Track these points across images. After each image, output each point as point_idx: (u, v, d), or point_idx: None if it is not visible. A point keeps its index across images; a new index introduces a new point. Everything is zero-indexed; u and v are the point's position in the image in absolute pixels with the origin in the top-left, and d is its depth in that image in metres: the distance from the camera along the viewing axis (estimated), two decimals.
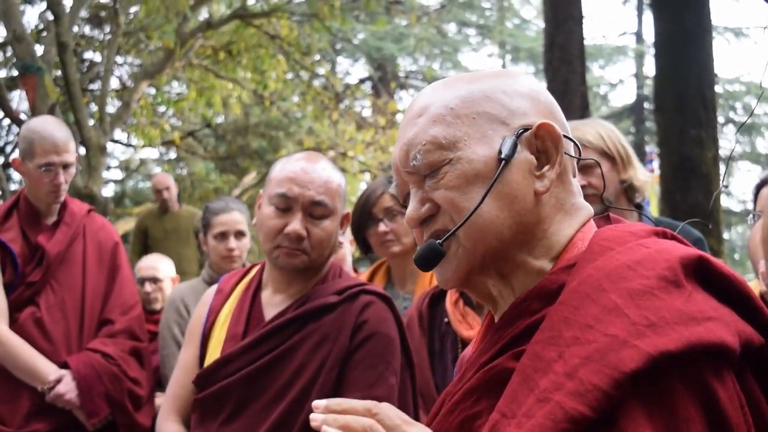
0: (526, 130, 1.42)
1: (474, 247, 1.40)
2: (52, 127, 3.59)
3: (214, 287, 2.89)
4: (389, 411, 1.33)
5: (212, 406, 2.62)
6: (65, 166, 3.59)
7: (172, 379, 2.81)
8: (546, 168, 1.42)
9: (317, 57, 15.63)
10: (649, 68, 22.11)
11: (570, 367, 1.17)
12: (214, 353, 2.70)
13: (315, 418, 1.32)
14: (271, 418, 2.52)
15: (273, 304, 2.72)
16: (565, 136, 1.45)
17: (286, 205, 2.60)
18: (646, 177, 3.42)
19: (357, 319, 2.63)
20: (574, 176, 1.50)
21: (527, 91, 1.47)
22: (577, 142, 1.50)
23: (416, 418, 2.71)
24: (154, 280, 5.17)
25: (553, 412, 1.14)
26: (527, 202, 1.40)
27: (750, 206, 3.26)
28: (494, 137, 1.41)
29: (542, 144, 1.42)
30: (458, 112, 1.43)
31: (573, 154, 1.49)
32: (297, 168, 2.64)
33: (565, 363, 1.18)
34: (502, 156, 1.38)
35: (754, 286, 2.66)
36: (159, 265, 5.35)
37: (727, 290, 1.26)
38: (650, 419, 1.12)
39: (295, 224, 2.59)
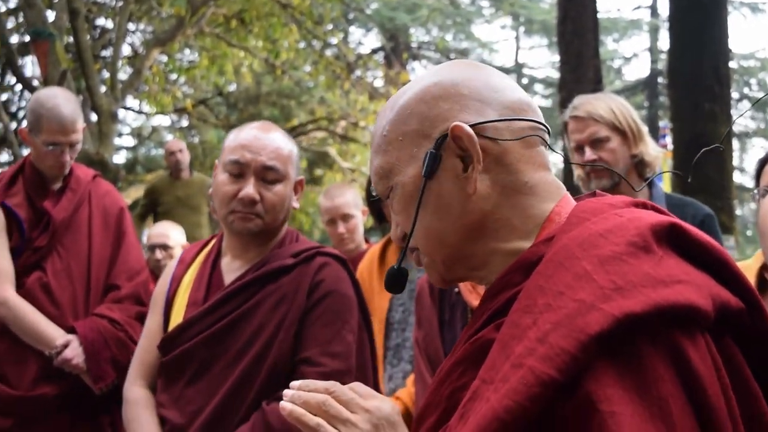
0: (445, 137, 1.41)
1: (432, 257, 1.48)
2: (61, 103, 3.55)
3: (177, 258, 2.99)
4: (345, 388, 1.48)
5: (176, 368, 2.71)
6: (71, 145, 3.60)
7: (138, 347, 2.92)
8: (470, 168, 1.40)
9: (330, 27, 15.57)
10: (664, 42, 21.99)
11: (541, 332, 1.19)
12: (177, 319, 2.79)
13: (286, 394, 1.50)
14: (232, 377, 2.62)
15: (232, 269, 2.81)
16: (500, 120, 1.43)
17: (239, 171, 2.69)
18: (657, 152, 3.41)
19: (313, 279, 2.74)
20: (535, 145, 1.46)
21: (446, 91, 1.44)
22: (529, 118, 1.46)
23: (375, 376, 2.85)
24: (165, 248, 5.19)
25: (525, 377, 1.16)
26: (464, 205, 1.41)
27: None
28: (419, 154, 1.43)
29: (463, 144, 1.40)
30: (389, 137, 1.47)
31: (515, 132, 1.44)
32: (250, 136, 2.74)
33: (538, 329, 1.20)
34: (423, 174, 1.41)
35: (754, 261, 2.63)
36: (170, 232, 5.38)
37: (702, 256, 1.27)
38: (618, 380, 1.13)
39: (248, 189, 2.67)
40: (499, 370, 1.22)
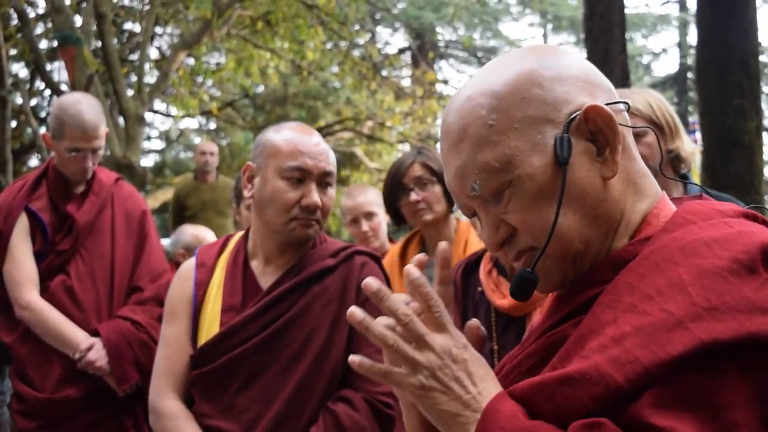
0: (573, 119, 1.31)
1: (563, 257, 1.33)
2: (84, 109, 3.58)
3: (191, 262, 2.88)
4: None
5: (220, 378, 2.64)
6: (94, 151, 3.63)
7: (161, 357, 2.79)
8: (607, 151, 1.32)
9: (356, 27, 15.57)
10: (693, 37, 21.79)
11: (620, 332, 1.14)
12: (210, 327, 2.71)
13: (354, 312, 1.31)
14: (292, 380, 2.59)
15: (266, 273, 2.76)
16: (614, 103, 1.36)
17: (300, 177, 2.64)
18: (693, 148, 3.38)
19: (358, 278, 2.70)
20: (639, 136, 1.43)
21: (559, 74, 1.34)
22: (629, 103, 1.41)
23: None
24: None
25: (587, 371, 1.13)
26: (599, 193, 1.32)
27: None
28: (545, 141, 1.31)
29: (595, 125, 1.31)
30: (499, 126, 1.31)
31: (624, 119, 1.39)
32: (301, 140, 2.68)
33: (617, 327, 1.15)
34: (561, 160, 1.29)
35: None
36: (207, 234, 5.44)
37: None
38: (690, 404, 1.08)
39: (314, 196, 2.63)
40: (569, 361, 1.18)
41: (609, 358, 1.12)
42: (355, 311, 1.29)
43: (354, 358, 1.30)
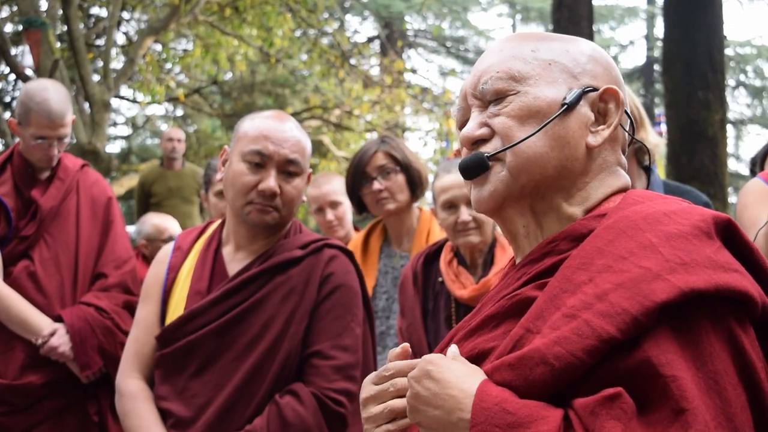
0: (594, 90, 1.52)
1: (518, 174, 1.49)
2: (51, 97, 3.55)
3: (170, 246, 2.90)
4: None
5: (179, 360, 2.66)
6: (60, 138, 3.60)
7: (131, 337, 2.82)
8: (602, 127, 1.52)
9: (325, 15, 15.51)
10: (660, 30, 21.96)
11: (601, 290, 1.26)
12: (176, 310, 2.73)
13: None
14: (242, 369, 2.59)
15: (236, 260, 2.77)
16: (625, 112, 1.55)
17: (260, 161, 2.64)
18: (657, 140, 3.39)
19: (323, 271, 2.71)
20: (623, 152, 1.58)
21: (602, 59, 1.58)
22: (634, 121, 1.63)
23: (376, 367, 2.80)
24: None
25: (580, 328, 1.24)
26: (577, 151, 1.49)
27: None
28: (562, 85, 1.52)
29: (604, 107, 1.53)
30: (537, 55, 1.54)
31: (628, 132, 1.59)
32: (270, 126, 2.68)
33: (596, 286, 1.27)
34: (566, 101, 1.49)
35: None
36: (171, 224, 5.40)
37: (747, 257, 1.35)
38: (678, 349, 1.20)
39: (270, 181, 2.63)
40: (547, 320, 1.29)
41: (597, 313, 1.24)
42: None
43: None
